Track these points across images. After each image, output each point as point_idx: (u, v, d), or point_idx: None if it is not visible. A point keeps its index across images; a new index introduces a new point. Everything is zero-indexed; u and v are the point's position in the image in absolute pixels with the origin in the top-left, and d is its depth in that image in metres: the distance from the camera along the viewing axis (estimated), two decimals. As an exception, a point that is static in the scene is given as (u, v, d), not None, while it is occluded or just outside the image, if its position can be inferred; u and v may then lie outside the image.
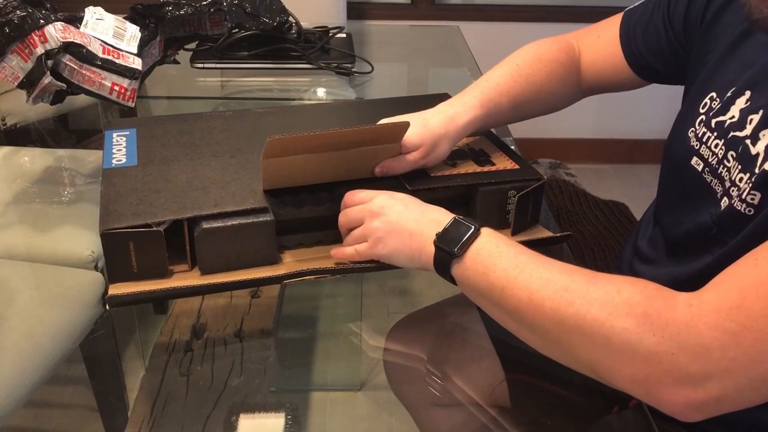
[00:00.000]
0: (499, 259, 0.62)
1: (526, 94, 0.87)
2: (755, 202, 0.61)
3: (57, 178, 1.31)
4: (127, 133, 0.88)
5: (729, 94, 0.68)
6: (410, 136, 0.78)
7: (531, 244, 0.71)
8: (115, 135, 0.87)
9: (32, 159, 1.37)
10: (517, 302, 0.59)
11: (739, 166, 0.64)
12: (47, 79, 0.92)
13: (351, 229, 0.74)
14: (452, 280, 0.66)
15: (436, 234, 0.66)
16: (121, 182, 0.79)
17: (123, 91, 0.97)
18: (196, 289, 0.72)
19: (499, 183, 0.82)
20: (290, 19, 1.40)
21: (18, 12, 0.89)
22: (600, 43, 0.90)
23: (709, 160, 0.69)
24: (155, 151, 0.86)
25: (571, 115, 0.97)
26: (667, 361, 0.51)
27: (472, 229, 0.64)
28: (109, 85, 0.96)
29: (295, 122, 0.98)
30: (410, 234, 0.68)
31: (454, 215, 0.68)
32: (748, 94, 0.66)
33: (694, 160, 0.72)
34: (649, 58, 0.85)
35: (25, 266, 1.11)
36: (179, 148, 0.87)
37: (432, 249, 0.66)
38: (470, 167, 0.85)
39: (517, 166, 0.85)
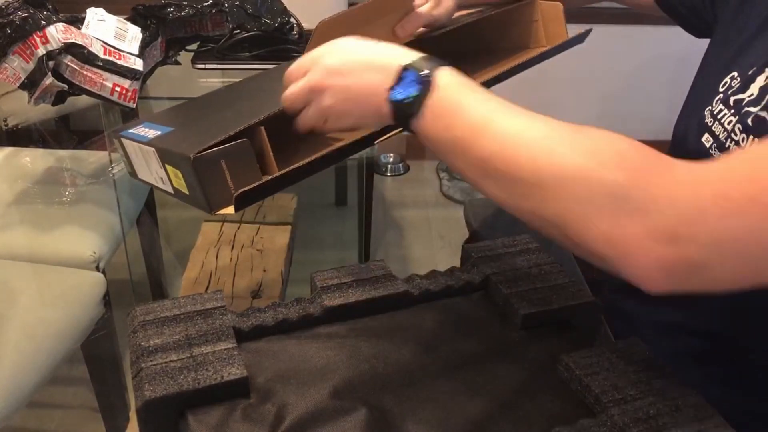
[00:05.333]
0: (465, 113, 0.55)
1: None
2: None
3: (59, 179, 1.32)
4: (141, 125, 0.87)
5: (750, 72, 0.67)
6: None
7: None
8: (131, 131, 0.86)
9: (34, 160, 1.37)
10: (486, 154, 0.53)
11: (752, 138, 0.63)
12: (48, 80, 0.92)
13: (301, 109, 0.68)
14: (411, 131, 0.60)
15: (389, 89, 0.58)
16: (173, 138, 0.74)
17: (124, 91, 0.97)
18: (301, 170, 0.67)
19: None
20: (292, 19, 1.40)
21: (19, 13, 0.90)
22: None
23: (719, 136, 0.68)
24: (182, 119, 0.83)
25: (572, 116, 0.97)
26: (654, 219, 0.47)
27: (425, 79, 0.56)
28: (111, 85, 0.96)
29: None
30: (365, 96, 0.61)
31: (405, 59, 0.59)
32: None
33: (705, 137, 0.70)
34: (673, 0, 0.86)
35: (27, 267, 1.11)
36: (203, 110, 0.85)
37: (389, 107, 0.59)
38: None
39: None
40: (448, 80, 0.57)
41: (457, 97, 0.56)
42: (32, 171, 1.33)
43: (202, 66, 1.38)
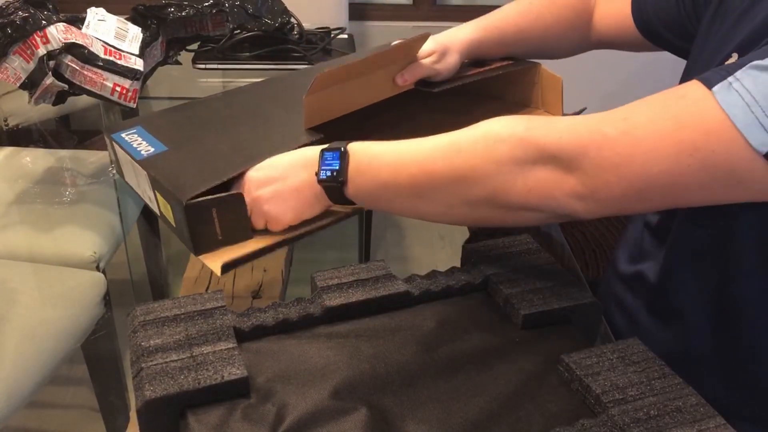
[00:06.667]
0: (381, 158, 0.65)
1: (533, 30, 0.93)
2: None
3: (59, 179, 1.32)
4: (134, 130, 0.87)
5: (720, 61, 0.69)
6: (423, 47, 0.87)
7: None
8: (123, 135, 0.86)
9: (34, 159, 1.37)
10: (411, 178, 0.63)
11: None
12: (49, 79, 0.92)
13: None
14: (350, 202, 0.68)
15: (315, 174, 0.68)
16: (166, 165, 0.76)
17: (124, 91, 0.97)
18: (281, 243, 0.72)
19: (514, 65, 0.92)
20: (292, 20, 1.40)
21: (20, 13, 0.90)
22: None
23: None
24: (176, 136, 0.84)
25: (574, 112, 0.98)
26: (549, 162, 0.57)
27: (341, 151, 0.66)
28: (111, 85, 0.96)
29: (286, 89, 0.97)
30: (298, 191, 0.70)
31: (318, 149, 0.69)
32: (735, 56, 0.67)
33: None
34: (657, 25, 0.86)
35: (27, 267, 1.11)
36: (198, 129, 0.86)
37: (320, 189, 0.68)
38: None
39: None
40: (357, 146, 0.67)
41: (370, 153, 0.66)
42: (32, 171, 1.33)
43: (203, 66, 1.38)
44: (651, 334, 0.78)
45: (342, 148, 0.66)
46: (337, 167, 0.66)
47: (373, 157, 0.66)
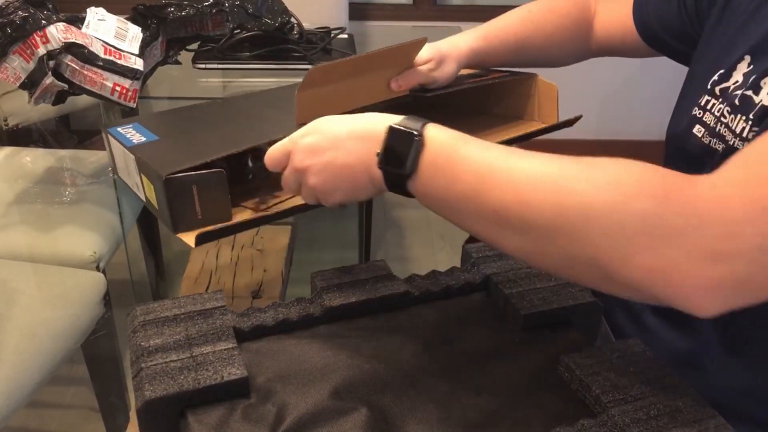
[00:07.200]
0: (466, 162, 0.52)
1: (533, 39, 0.92)
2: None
3: (59, 179, 1.32)
4: (130, 126, 0.88)
5: (732, 63, 0.69)
6: (421, 53, 0.85)
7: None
8: (119, 129, 0.87)
9: (34, 159, 1.37)
10: (499, 203, 0.50)
11: (740, 116, 0.65)
12: (49, 79, 0.92)
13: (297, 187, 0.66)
14: (411, 196, 0.57)
15: (377, 154, 0.55)
16: (154, 149, 0.76)
17: (124, 91, 0.97)
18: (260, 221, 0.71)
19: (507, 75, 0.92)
20: (292, 19, 1.40)
21: (20, 12, 0.90)
22: (615, 6, 0.93)
23: (710, 123, 0.70)
24: (169, 129, 0.84)
25: (572, 115, 0.98)
26: (693, 241, 0.45)
27: (416, 135, 0.53)
28: (111, 85, 0.96)
29: (281, 98, 0.98)
30: (351, 168, 0.58)
31: (389, 122, 0.56)
32: (748, 59, 0.67)
33: (696, 128, 0.72)
34: (659, 30, 0.86)
35: (27, 266, 1.11)
36: (192, 123, 0.86)
37: (378, 172, 0.56)
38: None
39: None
40: (438, 134, 0.54)
41: (453, 150, 0.53)
42: (32, 171, 1.33)
43: (203, 66, 1.38)
44: (655, 334, 0.78)
45: (417, 131, 0.53)
46: (408, 153, 0.53)
47: (457, 157, 0.52)
